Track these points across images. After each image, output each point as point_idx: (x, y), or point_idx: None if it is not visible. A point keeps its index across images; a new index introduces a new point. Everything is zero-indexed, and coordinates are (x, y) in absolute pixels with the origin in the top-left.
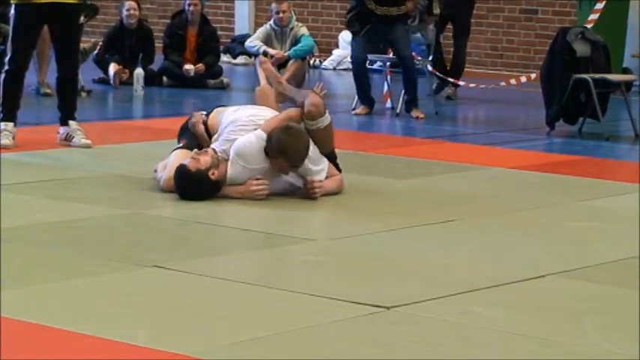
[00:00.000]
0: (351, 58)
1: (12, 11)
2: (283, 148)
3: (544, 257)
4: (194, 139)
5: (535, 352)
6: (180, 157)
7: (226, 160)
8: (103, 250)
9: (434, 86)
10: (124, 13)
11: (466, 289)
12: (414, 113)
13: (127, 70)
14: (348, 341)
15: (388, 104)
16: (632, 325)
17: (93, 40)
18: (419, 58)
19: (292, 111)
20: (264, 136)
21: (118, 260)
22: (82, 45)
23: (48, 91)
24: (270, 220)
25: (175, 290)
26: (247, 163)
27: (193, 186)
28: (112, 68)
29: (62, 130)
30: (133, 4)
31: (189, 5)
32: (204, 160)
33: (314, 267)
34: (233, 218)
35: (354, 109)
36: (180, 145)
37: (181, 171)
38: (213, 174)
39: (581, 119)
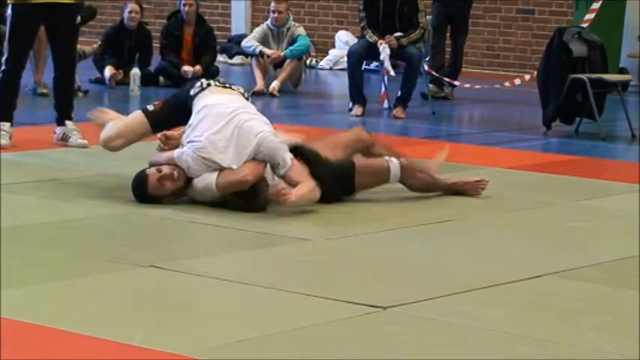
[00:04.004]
0: (348, 53)
1: (9, 11)
2: (243, 210)
3: (540, 257)
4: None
5: (531, 352)
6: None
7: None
8: (99, 250)
9: (430, 86)
10: (126, 14)
11: (463, 289)
12: (398, 112)
13: (121, 72)
14: (344, 341)
15: (385, 104)
16: (629, 326)
17: (94, 45)
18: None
19: (249, 173)
20: (216, 192)
21: (114, 260)
22: (82, 47)
23: (44, 91)
24: (265, 220)
25: (171, 290)
26: (202, 198)
27: (144, 198)
28: (108, 71)
29: (59, 130)
30: (136, 7)
31: (184, 5)
32: (167, 187)
33: (310, 267)
34: (228, 218)
35: (350, 110)
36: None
37: (139, 183)
38: (165, 196)
39: (577, 119)
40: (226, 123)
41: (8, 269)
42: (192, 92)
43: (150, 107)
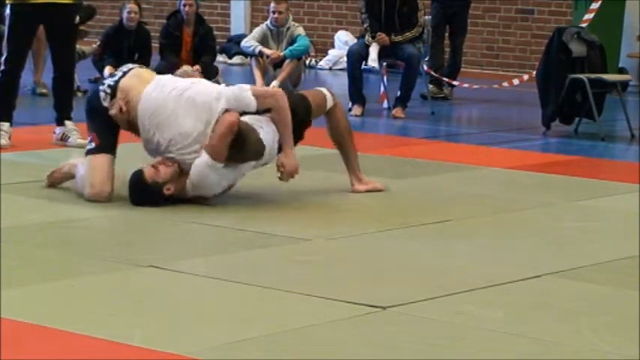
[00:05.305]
0: (348, 53)
1: (7, 11)
2: (244, 158)
3: (540, 257)
4: (107, 133)
5: (530, 352)
6: (100, 165)
7: (184, 173)
8: (98, 250)
9: (430, 87)
10: (125, 14)
11: (462, 289)
12: (397, 112)
13: None
14: (343, 341)
15: (385, 104)
16: (627, 325)
17: (94, 45)
18: None
19: (230, 116)
20: (214, 163)
21: (114, 260)
22: (81, 47)
23: (44, 91)
24: (264, 220)
25: (170, 290)
26: (210, 189)
27: (144, 197)
28: (107, 71)
29: (58, 130)
30: (135, 7)
31: (184, 5)
32: (164, 172)
33: (309, 267)
34: (228, 218)
35: (350, 109)
36: (94, 145)
37: (137, 178)
38: (168, 189)
39: (577, 119)
40: (177, 117)
41: (8, 269)
42: (106, 104)
43: (91, 146)
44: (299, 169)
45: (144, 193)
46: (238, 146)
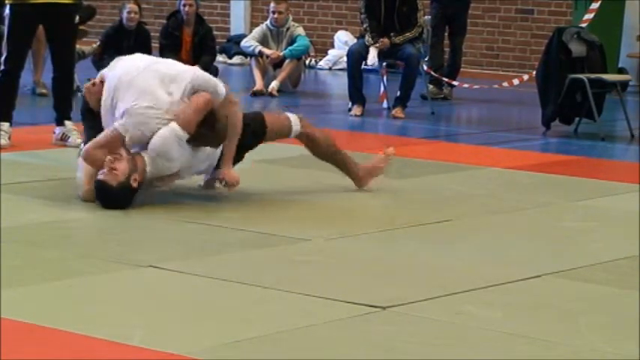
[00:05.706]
0: (348, 53)
1: (7, 11)
2: (210, 140)
3: (539, 257)
4: (92, 129)
5: (530, 352)
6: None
7: (139, 154)
8: (98, 250)
9: (430, 87)
10: (124, 14)
11: (462, 289)
12: (397, 112)
13: None
14: (343, 341)
15: (384, 104)
16: (627, 325)
17: (94, 45)
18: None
19: (204, 96)
20: (183, 134)
21: (113, 260)
22: (81, 47)
23: (44, 91)
24: (264, 220)
25: (170, 290)
26: (169, 161)
27: (116, 201)
28: None
29: (58, 130)
30: (134, 7)
31: (184, 5)
32: (122, 168)
33: (309, 267)
34: (228, 218)
35: (350, 110)
36: (82, 146)
37: (101, 187)
38: (135, 180)
39: (576, 119)
40: (139, 81)
41: (8, 269)
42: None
43: (80, 147)
44: (239, 179)
45: (115, 197)
46: (209, 126)
